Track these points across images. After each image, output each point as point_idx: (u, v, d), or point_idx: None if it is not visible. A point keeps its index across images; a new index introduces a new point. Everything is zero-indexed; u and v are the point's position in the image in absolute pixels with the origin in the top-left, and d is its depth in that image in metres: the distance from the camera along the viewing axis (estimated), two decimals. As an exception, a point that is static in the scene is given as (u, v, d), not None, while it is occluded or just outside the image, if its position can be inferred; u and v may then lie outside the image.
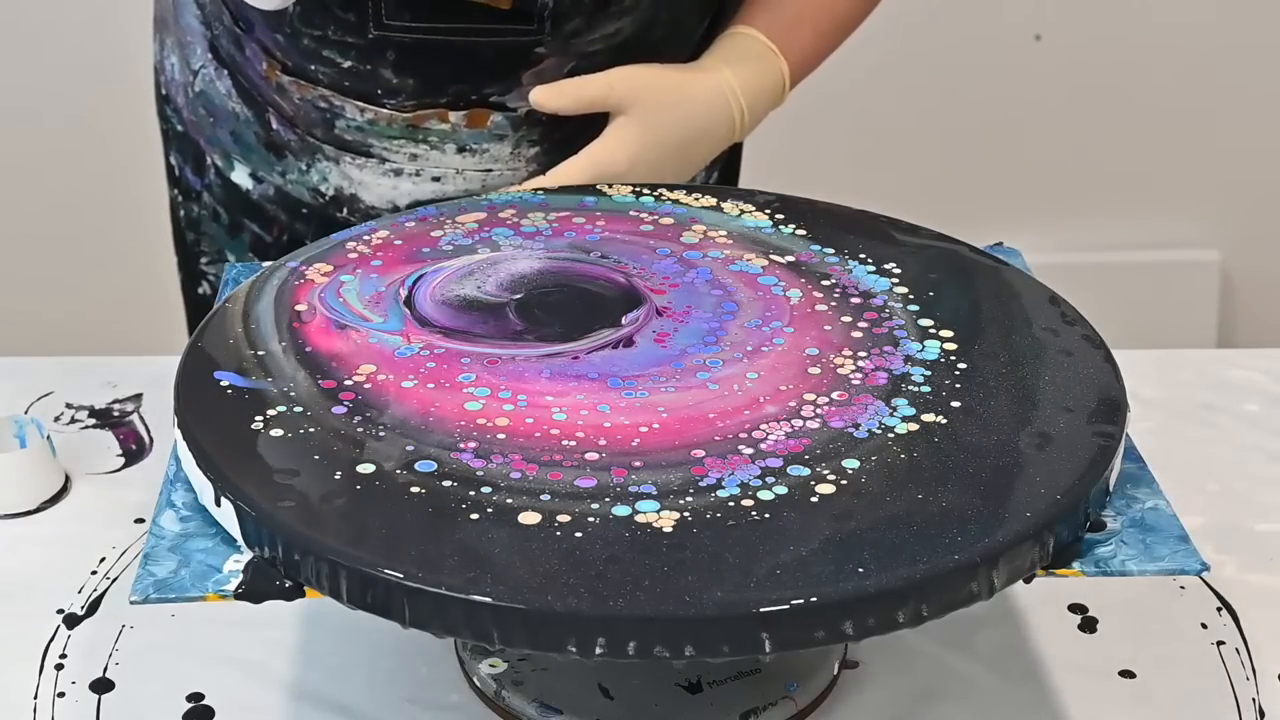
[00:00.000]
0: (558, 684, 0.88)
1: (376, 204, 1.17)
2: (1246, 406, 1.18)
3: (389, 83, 1.13)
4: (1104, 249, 2.32)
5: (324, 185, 1.18)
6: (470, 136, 1.14)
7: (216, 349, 0.89)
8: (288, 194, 1.20)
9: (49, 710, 0.90)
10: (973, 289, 0.97)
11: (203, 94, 1.21)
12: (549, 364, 0.88)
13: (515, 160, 1.15)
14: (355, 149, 1.16)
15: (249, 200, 1.22)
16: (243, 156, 1.21)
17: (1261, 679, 0.93)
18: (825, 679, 0.90)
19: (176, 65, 1.23)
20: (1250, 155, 2.29)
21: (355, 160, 1.16)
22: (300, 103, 1.16)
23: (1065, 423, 0.83)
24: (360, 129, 1.15)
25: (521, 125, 1.14)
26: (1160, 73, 2.24)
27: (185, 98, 1.23)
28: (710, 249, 1.00)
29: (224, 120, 1.21)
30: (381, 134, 1.14)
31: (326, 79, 1.14)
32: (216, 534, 0.79)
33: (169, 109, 1.26)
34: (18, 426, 1.07)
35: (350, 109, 1.14)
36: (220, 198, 1.24)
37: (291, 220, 1.21)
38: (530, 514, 0.75)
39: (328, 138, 1.16)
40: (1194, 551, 0.78)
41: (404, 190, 1.16)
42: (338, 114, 1.15)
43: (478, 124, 1.13)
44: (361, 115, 1.14)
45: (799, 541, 0.74)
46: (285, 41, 1.13)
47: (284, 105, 1.17)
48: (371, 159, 1.16)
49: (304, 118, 1.16)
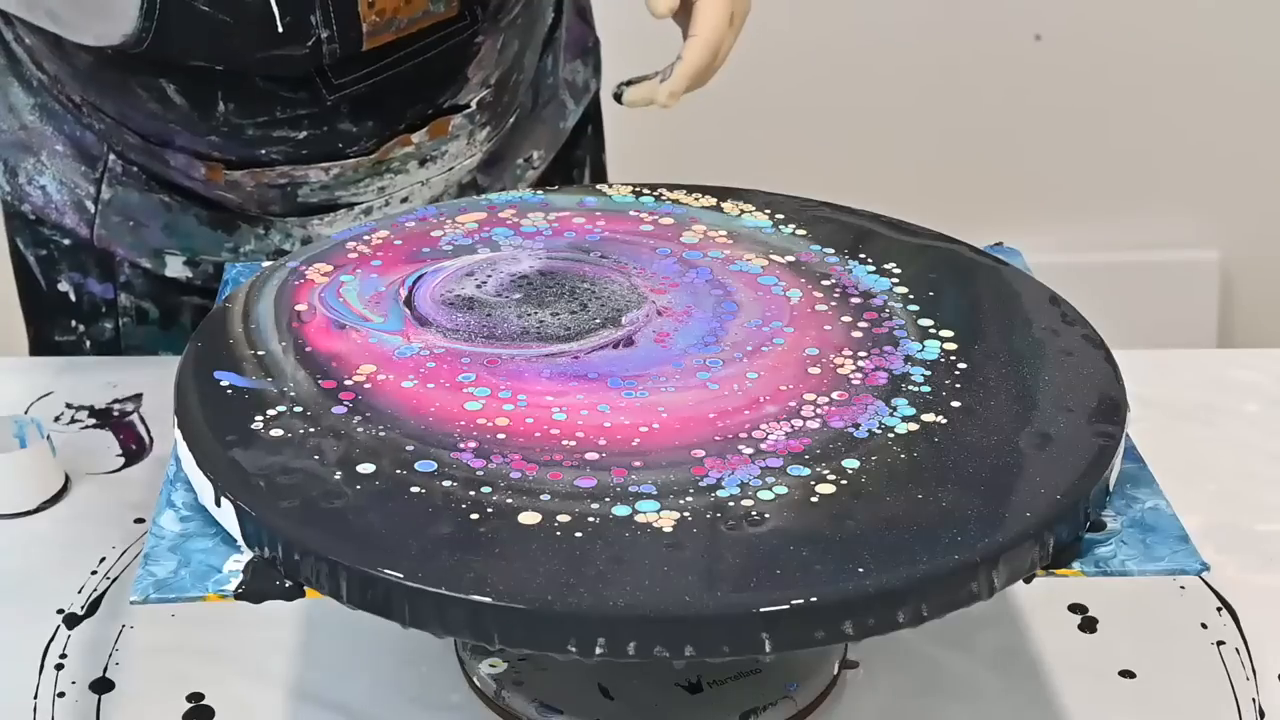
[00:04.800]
0: (558, 684, 0.88)
1: None
2: (1246, 406, 1.18)
3: (350, 133, 1.11)
4: (1104, 249, 2.32)
5: (289, 244, 1.16)
6: (431, 146, 1.13)
7: (216, 349, 0.89)
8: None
9: (49, 710, 0.90)
10: (973, 289, 0.97)
11: (114, 200, 1.13)
12: (549, 364, 0.88)
13: (471, 148, 1.15)
14: (321, 208, 1.14)
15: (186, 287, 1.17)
16: (180, 247, 1.15)
17: (1261, 679, 0.93)
18: (825, 679, 0.90)
19: (53, 186, 1.14)
20: (1250, 155, 2.28)
21: (323, 218, 1.14)
22: (254, 189, 1.12)
23: (1065, 423, 0.83)
24: (325, 187, 1.13)
25: (475, 116, 1.14)
26: (1160, 73, 2.24)
27: (79, 214, 1.14)
28: (710, 249, 1.00)
29: (150, 217, 1.14)
30: (348, 182, 1.12)
31: (283, 156, 1.11)
32: (216, 534, 0.79)
33: (45, 229, 1.16)
34: (18, 426, 1.07)
35: (314, 174, 1.12)
36: (145, 290, 1.17)
37: None
38: (530, 514, 0.75)
39: (289, 209, 1.13)
40: (1194, 551, 0.78)
41: None
42: (299, 183, 1.12)
43: (440, 133, 1.13)
44: (328, 174, 1.12)
45: (799, 541, 0.74)
46: (222, 140, 1.09)
47: (231, 197, 1.12)
48: (340, 209, 1.15)
49: (259, 200, 1.12)
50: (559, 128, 1.24)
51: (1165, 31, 2.22)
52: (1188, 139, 2.27)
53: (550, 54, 1.22)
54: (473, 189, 1.19)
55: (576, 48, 1.25)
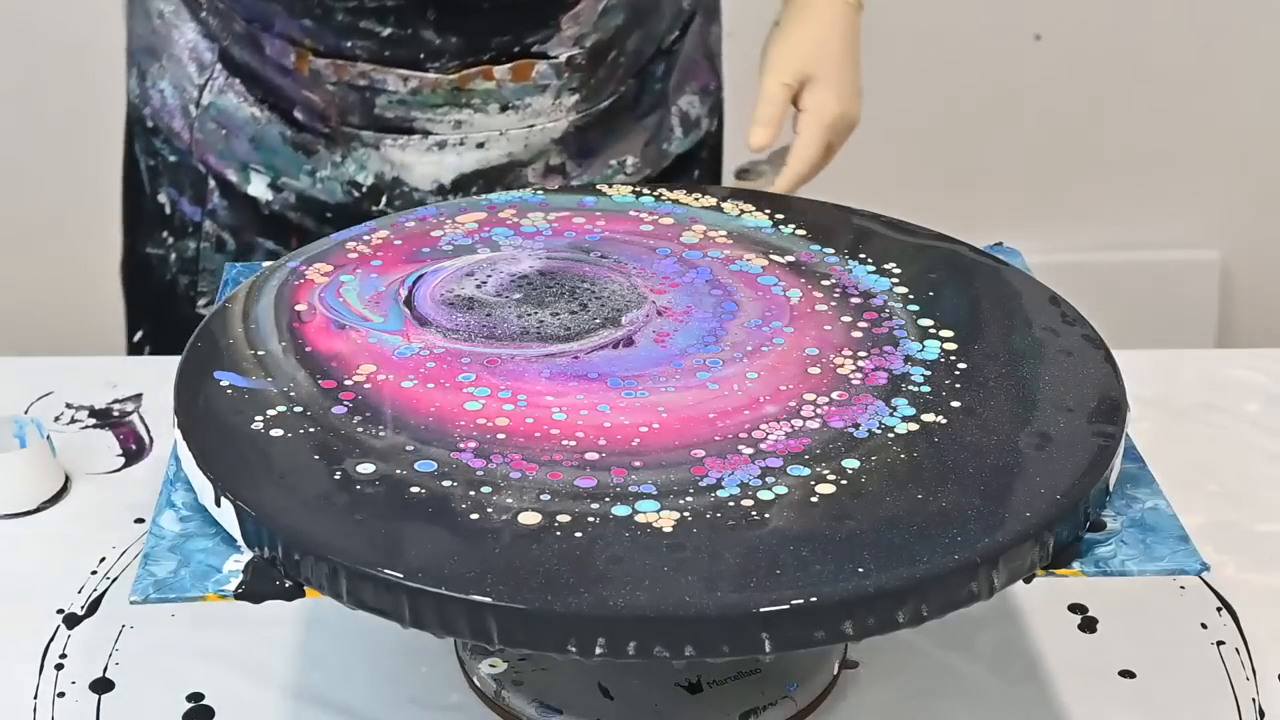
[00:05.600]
0: (558, 684, 0.88)
1: (420, 185, 1.16)
2: (1246, 406, 1.18)
3: (431, 44, 1.12)
4: (1104, 249, 2.31)
5: (361, 175, 1.17)
6: (514, 92, 1.14)
7: (216, 349, 0.89)
8: (313, 198, 1.19)
9: (49, 710, 0.90)
10: (973, 289, 0.97)
11: (212, 106, 1.19)
12: (549, 364, 0.88)
13: (556, 111, 1.15)
14: (397, 127, 1.15)
15: (264, 215, 1.21)
16: (263, 164, 1.19)
17: (1261, 679, 0.93)
18: (825, 679, 0.90)
19: (169, 90, 1.21)
20: (1250, 155, 2.28)
21: (397, 140, 1.15)
22: (335, 88, 1.14)
23: (1065, 423, 0.83)
24: (403, 102, 1.14)
25: (563, 72, 1.14)
26: (1160, 73, 2.23)
27: (186, 119, 1.21)
28: (710, 249, 1.00)
29: (240, 129, 1.19)
30: (425, 103, 1.13)
31: (365, 53, 1.13)
32: (216, 534, 0.79)
33: (158, 140, 1.24)
34: (18, 426, 1.07)
35: (392, 80, 1.13)
36: (227, 221, 1.22)
37: (318, 226, 1.19)
38: (530, 514, 0.75)
39: (366, 121, 1.15)
40: (1194, 551, 0.78)
41: (449, 165, 1.16)
42: (378, 90, 1.13)
43: (522, 77, 1.13)
44: (405, 85, 1.13)
45: (799, 541, 0.74)
46: (314, 25, 1.12)
47: (315, 98, 1.15)
48: (415, 135, 1.15)
49: (339, 104, 1.15)
50: (662, 148, 1.24)
51: (1165, 31, 2.22)
52: (1187, 139, 2.27)
53: (664, 64, 1.22)
54: (560, 174, 1.19)
55: (697, 82, 1.27)
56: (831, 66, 1.13)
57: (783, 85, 1.11)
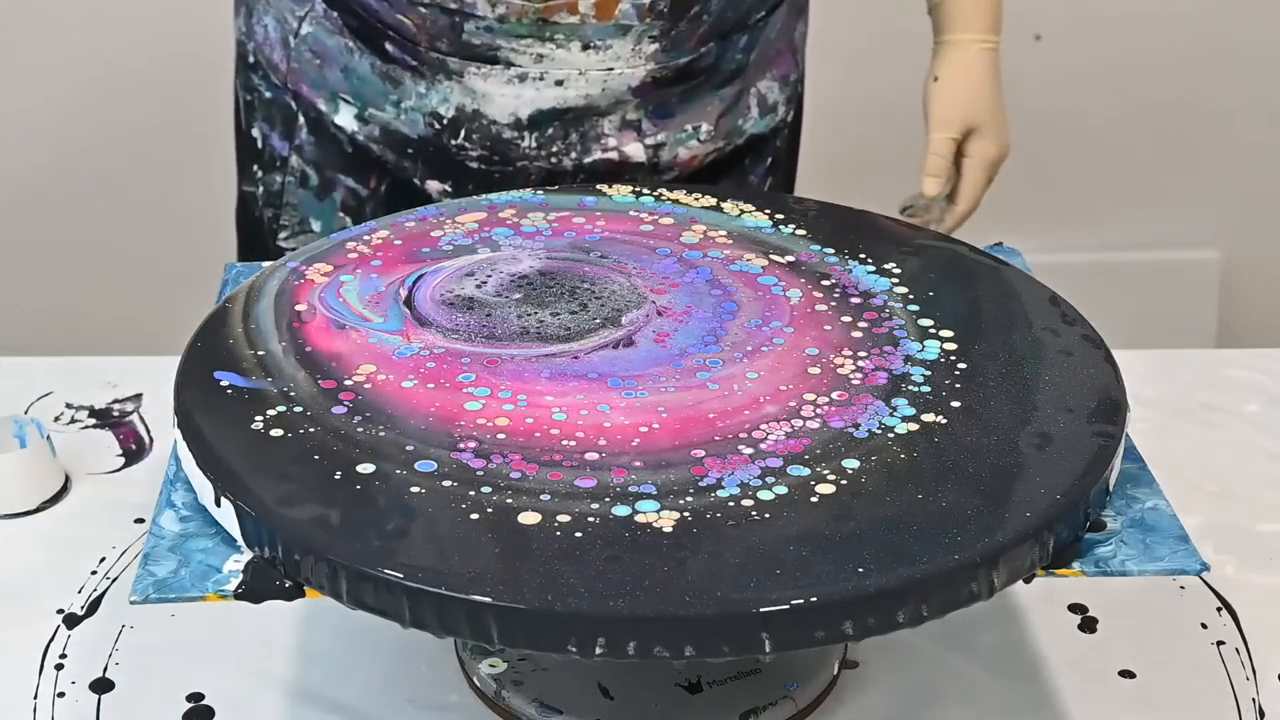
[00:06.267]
0: (558, 684, 0.88)
1: (499, 118, 1.18)
2: (1246, 406, 1.18)
3: None
4: (1104, 249, 2.31)
5: (444, 107, 1.19)
6: (596, 31, 1.15)
7: (216, 349, 0.89)
8: (395, 131, 1.21)
9: (49, 710, 0.90)
10: (973, 289, 0.97)
11: (309, 36, 1.22)
12: (549, 364, 0.88)
13: (635, 58, 1.17)
14: (481, 55, 1.17)
15: (347, 151, 1.23)
16: (352, 94, 1.22)
17: (1261, 679, 0.93)
18: (825, 679, 0.90)
19: (271, 24, 1.25)
20: (1250, 155, 2.28)
21: (480, 69, 1.17)
22: (428, 10, 1.16)
23: (1065, 423, 0.83)
24: (489, 29, 1.15)
25: (645, 15, 1.15)
26: (1160, 73, 2.23)
27: (284, 50, 1.24)
28: (710, 249, 1.00)
29: (333, 59, 1.22)
30: (510, 33, 1.15)
31: None
32: (216, 534, 0.79)
33: (256, 76, 1.28)
34: (18, 426, 1.07)
35: (481, 5, 1.15)
36: (312, 156, 1.25)
37: (399, 159, 1.22)
38: (530, 514, 0.75)
39: (454, 47, 1.17)
40: (1194, 551, 0.78)
41: (527, 99, 1.17)
42: (468, 14, 1.15)
43: (606, 14, 1.14)
44: (493, 11, 1.15)
45: (799, 541, 0.74)
46: None
47: (407, 23, 1.17)
48: (498, 65, 1.17)
49: (429, 29, 1.17)
50: (736, 123, 1.26)
51: (1164, 31, 2.22)
52: (1188, 139, 2.27)
53: (745, 36, 1.24)
54: (636, 131, 1.20)
55: (778, 70, 1.30)
56: (990, 115, 1.26)
57: (949, 140, 1.23)
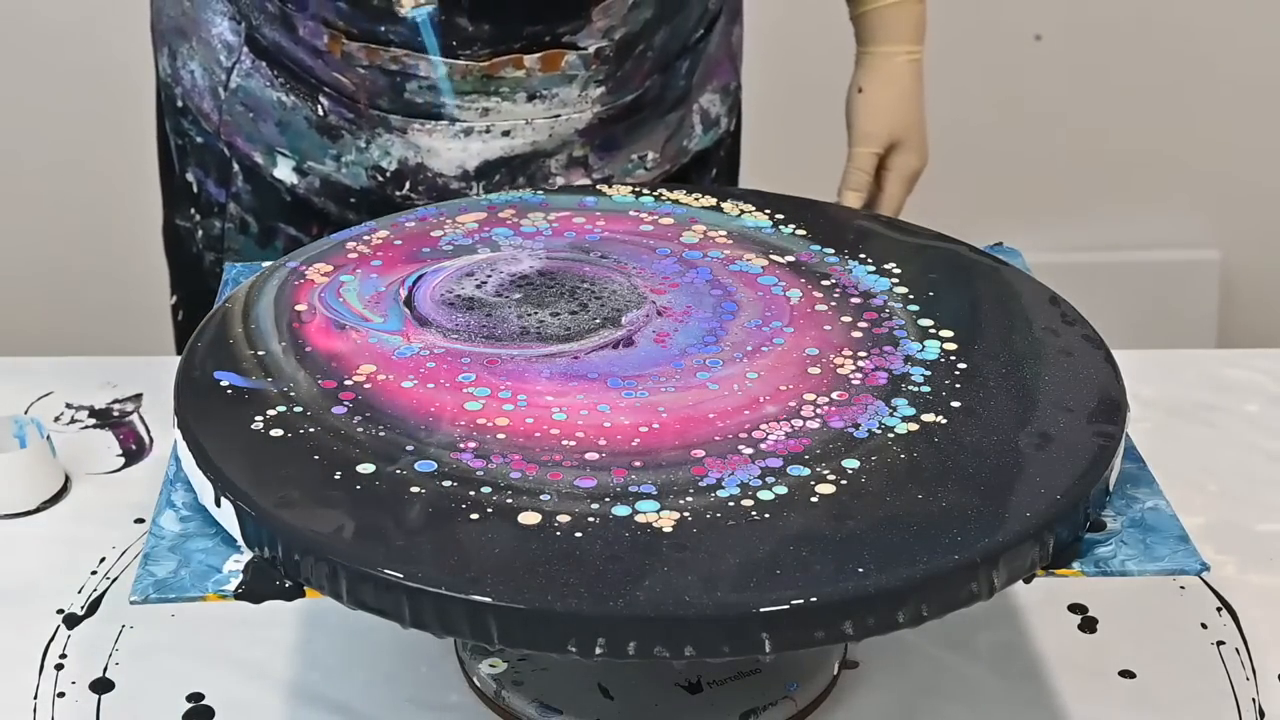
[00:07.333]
0: (558, 684, 0.88)
1: (445, 170, 1.17)
2: (1246, 406, 1.18)
3: (464, 32, 1.13)
4: (1104, 249, 2.31)
5: (385, 161, 1.18)
6: (542, 82, 1.14)
7: (216, 349, 0.89)
8: (337, 182, 1.19)
9: (49, 710, 0.90)
10: (973, 289, 0.97)
11: (240, 89, 1.20)
12: (549, 364, 0.88)
13: (582, 103, 1.16)
14: (425, 112, 1.16)
15: (287, 200, 1.21)
16: (289, 147, 1.20)
17: (1261, 679, 0.93)
18: (825, 679, 0.90)
19: (199, 71, 1.22)
20: (1250, 155, 2.28)
21: (424, 126, 1.16)
22: (366, 72, 1.15)
23: (1065, 423, 0.83)
24: (432, 88, 1.15)
25: (591, 64, 1.15)
26: (1160, 73, 2.23)
27: (214, 100, 1.22)
28: (710, 249, 1.00)
29: (267, 113, 1.20)
30: (455, 90, 1.14)
31: (398, 38, 1.13)
32: (216, 534, 0.79)
33: (186, 121, 1.25)
34: (18, 426, 1.07)
35: (424, 67, 1.14)
36: (250, 204, 1.23)
37: (341, 210, 1.20)
38: (530, 514, 0.75)
39: (395, 105, 1.16)
40: (1194, 551, 0.78)
41: (474, 151, 1.16)
42: (409, 75, 1.14)
43: (552, 66, 1.14)
44: (435, 72, 1.14)
45: (799, 541, 0.74)
46: (349, 8, 1.13)
47: (345, 81, 1.16)
48: (441, 120, 1.16)
49: (369, 88, 1.16)
50: (682, 145, 1.26)
51: (1165, 31, 2.22)
52: (1187, 139, 2.27)
53: (689, 60, 1.24)
54: (583, 167, 1.20)
55: (719, 80, 1.30)
56: (913, 129, 1.25)
57: (873, 155, 1.23)
